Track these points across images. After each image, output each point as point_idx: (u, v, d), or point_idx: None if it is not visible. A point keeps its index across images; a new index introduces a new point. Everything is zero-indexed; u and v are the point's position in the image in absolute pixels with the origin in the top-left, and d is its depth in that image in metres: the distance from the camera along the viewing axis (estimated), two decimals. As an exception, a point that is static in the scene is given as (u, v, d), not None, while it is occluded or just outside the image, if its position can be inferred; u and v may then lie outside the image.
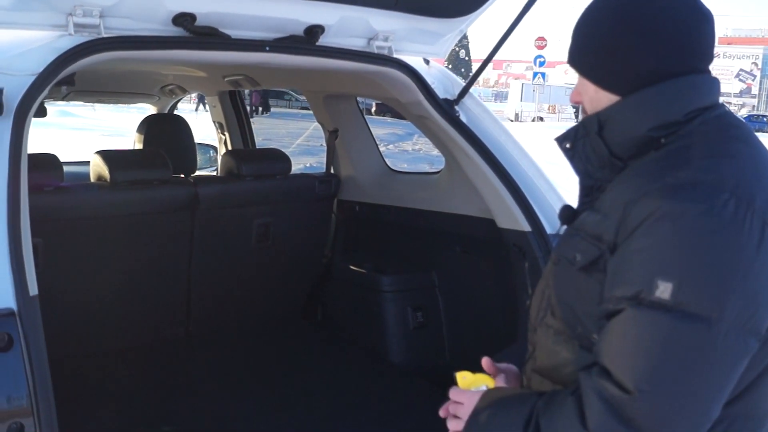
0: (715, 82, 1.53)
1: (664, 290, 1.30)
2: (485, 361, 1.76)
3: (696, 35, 1.49)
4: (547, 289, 1.64)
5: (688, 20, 1.48)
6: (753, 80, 36.28)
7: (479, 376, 1.71)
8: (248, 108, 3.95)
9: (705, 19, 1.50)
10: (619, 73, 1.50)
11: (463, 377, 1.69)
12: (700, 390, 1.32)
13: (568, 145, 1.61)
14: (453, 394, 1.68)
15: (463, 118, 2.99)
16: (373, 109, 11.65)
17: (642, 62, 1.48)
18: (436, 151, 3.68)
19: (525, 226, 2.89)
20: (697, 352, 1.30)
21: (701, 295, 1.30)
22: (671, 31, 1.47)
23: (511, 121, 34.49)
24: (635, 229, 1.36)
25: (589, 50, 1.55)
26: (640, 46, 1.47)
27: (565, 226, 1.72)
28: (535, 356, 1.67)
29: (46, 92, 2.14)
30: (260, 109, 17.89)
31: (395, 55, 2.85)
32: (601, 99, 1.54)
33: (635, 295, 1.34)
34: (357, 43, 2.78)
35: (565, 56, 1.69)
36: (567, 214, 1.69)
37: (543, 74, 39.48)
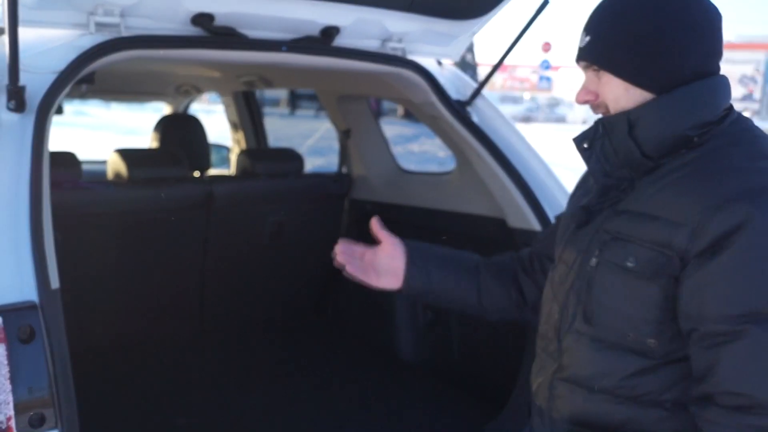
0: (729, 82, 1.52)
1: None
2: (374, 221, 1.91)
3: (721, 35, 1.49)
4: (573, 294, 1.58)
5: (719, 20, 1.48)
6: (755, 85, 36.25)
7: None
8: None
9: (722, 19, 1.50)
10: (662, 71, 1.46)
11: None
12: None
13: (586, 145, 1.58)
14: None
15: (474, 119, 3.02)
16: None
17: (689, 61, 1.45)
18: (442, 153, 3.69)
19: (535, 226, 2.91)
20: None
21: None
22: (712, 30, 1.46)
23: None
24: (727, 238, 1.32)
25: (628, 48, 1.48)
26: (690, 45, 1.45)
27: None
28: (562, 365, 1.61)
29: (67, 90, 2.16)
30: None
31: (409, 57, 2.88)
32: (631, 97, 1.50)
33: (755, 311, 1.30)
34: (371, 45, 2.81)
35: (570, 60, 1.64)
36: (581, 215, 1.63)
37: (549, 78, 39.61)
